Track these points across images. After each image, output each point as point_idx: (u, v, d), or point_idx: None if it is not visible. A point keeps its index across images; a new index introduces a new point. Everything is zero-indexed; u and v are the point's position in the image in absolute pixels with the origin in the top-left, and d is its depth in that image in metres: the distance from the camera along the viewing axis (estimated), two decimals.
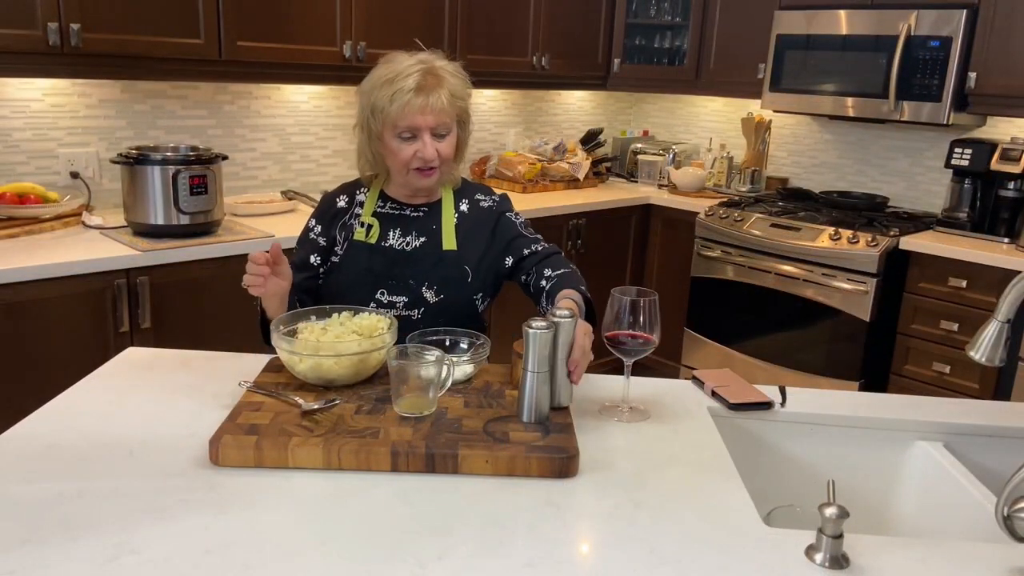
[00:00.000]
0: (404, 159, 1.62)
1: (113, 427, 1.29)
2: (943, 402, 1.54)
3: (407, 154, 1.61)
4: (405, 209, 1.73)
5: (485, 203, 1.77)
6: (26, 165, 2.72)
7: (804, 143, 4.01)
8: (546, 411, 1.29)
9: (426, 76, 1.58)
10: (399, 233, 1.70)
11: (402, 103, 1.56)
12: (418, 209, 1.73)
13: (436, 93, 1.57)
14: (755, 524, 1.09)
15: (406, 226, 1.71)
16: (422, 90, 1.56)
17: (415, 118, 1.57)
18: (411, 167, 1.63)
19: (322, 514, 1.07)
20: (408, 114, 1.57)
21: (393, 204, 1.73)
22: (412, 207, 1.73)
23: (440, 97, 1.58)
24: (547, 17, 3.69)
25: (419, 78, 1.57)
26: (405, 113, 1.57)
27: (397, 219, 1.72)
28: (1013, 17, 2.98)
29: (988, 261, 2.90)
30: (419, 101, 1.56)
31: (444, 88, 1.59)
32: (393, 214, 1.72)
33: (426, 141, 1.60)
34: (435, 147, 1.61)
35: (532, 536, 1.03)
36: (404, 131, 1.59)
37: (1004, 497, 0.98)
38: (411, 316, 1.66)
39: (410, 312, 1.66)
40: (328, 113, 3.40)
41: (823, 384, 3.26)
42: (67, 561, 0.94)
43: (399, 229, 1.70)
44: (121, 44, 2.49)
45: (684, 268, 3.76)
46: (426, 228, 1.71)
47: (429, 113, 1.57)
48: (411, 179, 1.65)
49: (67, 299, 2.26)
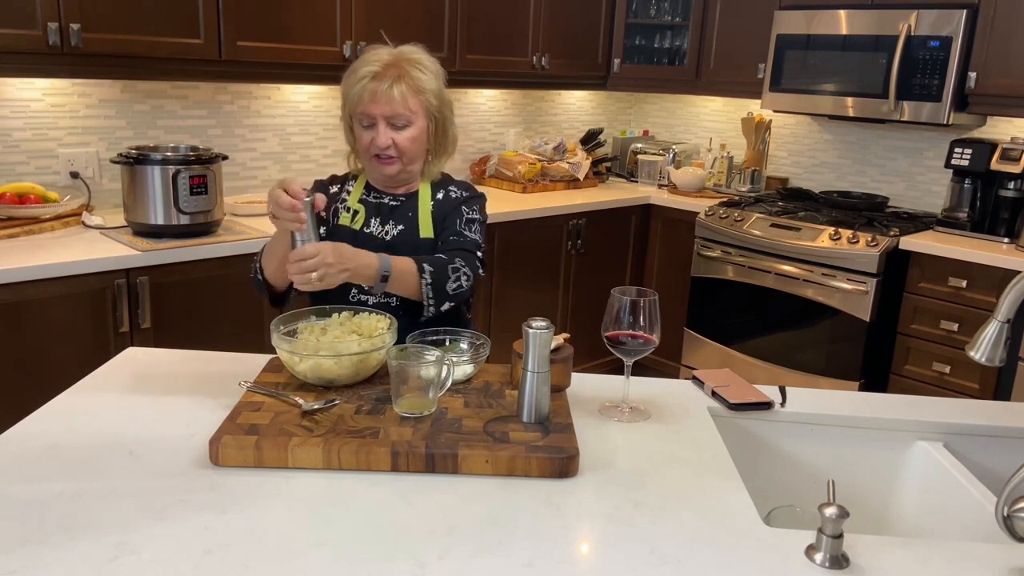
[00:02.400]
0: (363, 145, 1.70)
1: (113, 427, 1.28)
2: (943, 402, 1.54)
3: (365, 141, 1.69)
4: (384, 198, 1.78)
5: (454, 194, 1.80)
6: (26, 165, 2.72)
7: (804, 143, 4.01)
8: (546, 411, 1.29)
9: (386, 67, 1.64)
10: (379, 221, 1.75)
11: (359, 90, 1.65)
12: (397, 198, 1.78)
13: (393, 84, 1.63)
14: (755, 524, 1.09)
15: (386, 215, 1.76)
16: (377, 78, 1.63)
17: (368, 106, 1.65)
18: (370, 153, 1.69)
19: (322, 514, 1.07)
20: (362, 101, 1.65)
21: (376, 193, 1.79)
22: (392, 196, 1.78)
23: (397, 88, 1.63)
24: (547, 17, 3.69)
25: (378, 68, 1.64)
26: (360, 100, 1.65)
27: (378, 207, 1.77)
28: (1013, 17, 2.98)
29: (988, 261, 2.90)
30: (372, 87, 1.63)
31: (403, 80, 1.64)
32: (375, 203, 1.78)
33: (380, 130, 1.66)
34: (391, 136, 1.66)
35: (532, 536, 1.03)
36: (362, 118, 1.67)
37: (1004, 497, 0.98)
38: (390, 303, 1.69)
39: (389, 299, 1.69)
40: (328, 113, 3.40)
41: (823, 384, 3.26)
42: (67, 561, 0.94)
43: (379, 218, 1.76)
44: (121, 44, 2.49)
45: (684, 268, 3.76)
46: (403, 216, 1.75)
47: (383, 102, 1.64)
48: (373, 166, 1.72)
49: (67, 299, 2.26)
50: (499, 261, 3.34)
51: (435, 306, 1.62)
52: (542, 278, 3.57)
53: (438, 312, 1.64)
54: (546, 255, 3.55)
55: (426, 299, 1.61)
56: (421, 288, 1.60)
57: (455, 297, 1.65)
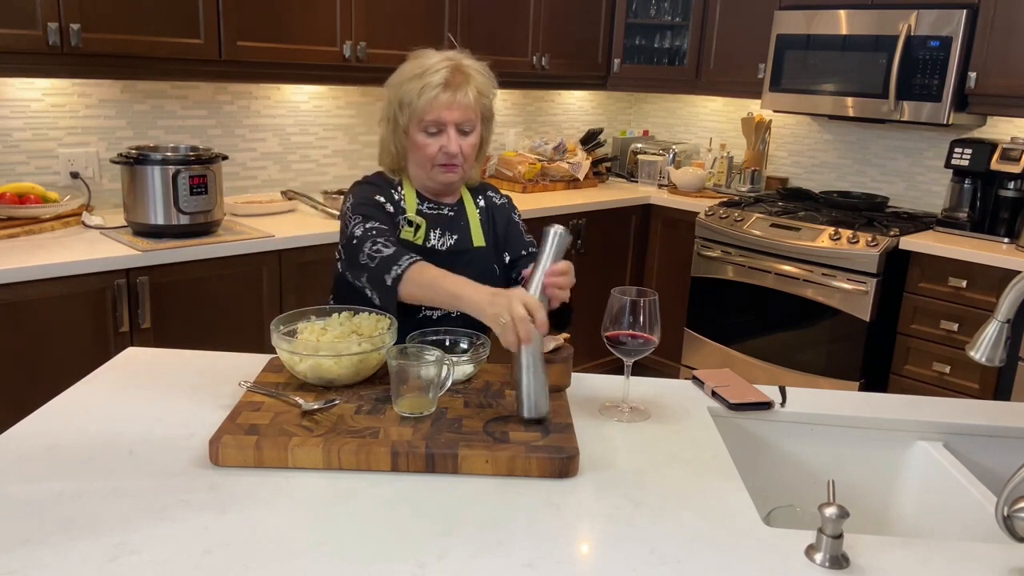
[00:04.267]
0: (430, 153, 1.64)
1: (113, 427, 1.28)
2: (943, 402, 1.54)
3: (432, 149, 1.64)
4: (442, 208, 1.74)
5: (498, 200, 1.81)
6: (26, 165, 2.72)
7: (804, 143, 4.01)
8: (545, 407, 1.29)
9: (454, 72, 1.61)
10: (438, 233, 1.72)
11: (430, 97, 1.59)
12: (451, 208, 1.75)
13: (463, 89, 1.61)
14: (755, 524, 1.09)
15: (443, 225, 1.73)
16: (449, 85, 1.60)
17: (442, 112, 1.60)
18: (436, 162, 1.65)
19: (322, 514, 1.07)
20: (435, 108, 1.60)
21: (430, 204, 1.74)
22: (447, 206, 1.75)
23: (467, 93, 1.61)
24: (547, 17, 3.69)
25: (447, 74, 1.60)
26: (432, 107, 1.60)
27: (436, 219, 1.73)
28: (1013, 17, 2.98)
29: (988, 261, 2.90)
30: (446, 96, 1.60)
31: (471, 85, 1.63)
32: (433, 214, 1.73)
33: (451, 136, 1.63)
34: (459, 143, 1.63)
35: (532, 536, 1.03)
36: (430, 125, 1.62)
37: (1004, 497, 0.98)
38: (451, 314, 1.67)
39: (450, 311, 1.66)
40: (328, 113, 3.40)
41: (823, 384, 3.26)
42: (67, 561, 0.94)
43: (438, 229, 1.72)
44: (121, 44, 2.49)
45: (684, 268, 3.76)
46: (456, 226, 1.73)
47: (456, 108, 1.61)
48: (435, 174, 1.67)
49: (67, 299, 2.26)
50: None
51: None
52: None
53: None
54: None
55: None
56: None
57: None
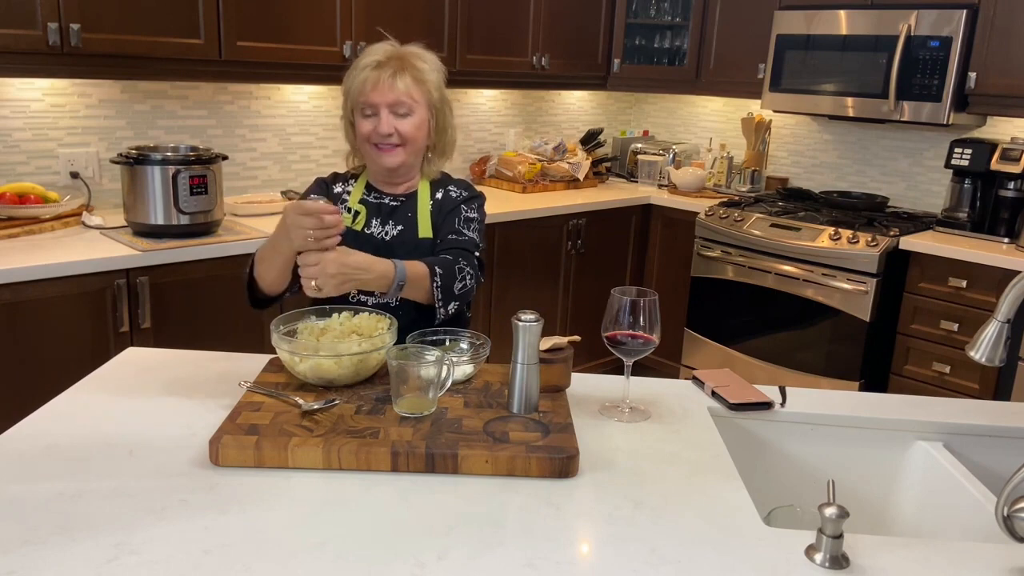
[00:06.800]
0: (364, 133, 1.69)
1: (113, 427, 1.28)
2: (943, 402, 1.54)
3: (367, 129, 1.68)
4: (385, 198, 1.78)
5: (454, 193, 1.81)
6: (26, 165, 2.72)
7: (804, 143, 4.01)
8: (535, 401, 1.30)
9: (389, 57, 1.68)
10: (379, 222, 1.75)
11: (362, 79, 1.66)
12: (397, 199, 1.78)
13: (399, 74, 1.66)
14: (755, 524, 1.09)
15: (386, 215, 1.76)
16: (380, 67, 1.66)
17: (371, 94, 1.66)
18: (371, 141, 1.69)
19: (322, 514, 1.07)
20: (365, 90, 1.66)
21: (376, 193, 1.79)
22: (392, 196, 1.78)
23: (400, 78, 1.66)
24: (547, 17, 3.69)
25: (380, 57, 1.67)
26: (363, 89, 1.66)
27: (379, 208, 1.77)
28: (1013, 17, 2.98)
29: (988, 261, 2.90)
30: (374, 76, 1.66)
31: (406, 71, 1.67)
32: (375, 203, 1.78)
33: (383, 117, 1.67)
34: (393, 124, 1.67)
35: (532, 536, 1.03)
36: (365, 107, 1.67)
37: (1004, 497, 0.98)
38: (390, 303, 1.67)
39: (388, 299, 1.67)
40: (328, 113, 3.40)
41: (823, 384, 3.26)
42: (67, 561, 0.94)
43: (379, 218, 1.76)
44: (121, 44, 2.49)
45: (684, 268, 3.76)
46: (403, 217, 1.76)
47: (387, 90, 1.65)
48: (375, 157, 1.71)
49: (67, 299, 2.26)
50: (499, 261, 3.34)
51: (444, 307, 1.62)
52: (542, 278, 3.57)
53: (447, 315, 1.63)
54: (546, 255, 3.55)
55: (437, 301, 1.61)
56: (432, 291, 1.59)
57: (462, 297, 1.64)
